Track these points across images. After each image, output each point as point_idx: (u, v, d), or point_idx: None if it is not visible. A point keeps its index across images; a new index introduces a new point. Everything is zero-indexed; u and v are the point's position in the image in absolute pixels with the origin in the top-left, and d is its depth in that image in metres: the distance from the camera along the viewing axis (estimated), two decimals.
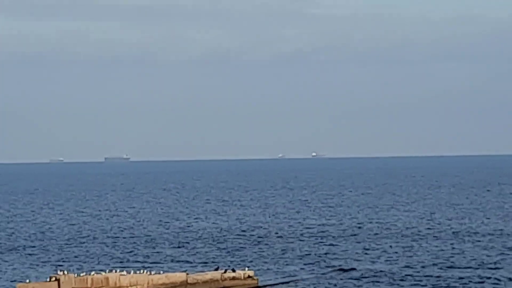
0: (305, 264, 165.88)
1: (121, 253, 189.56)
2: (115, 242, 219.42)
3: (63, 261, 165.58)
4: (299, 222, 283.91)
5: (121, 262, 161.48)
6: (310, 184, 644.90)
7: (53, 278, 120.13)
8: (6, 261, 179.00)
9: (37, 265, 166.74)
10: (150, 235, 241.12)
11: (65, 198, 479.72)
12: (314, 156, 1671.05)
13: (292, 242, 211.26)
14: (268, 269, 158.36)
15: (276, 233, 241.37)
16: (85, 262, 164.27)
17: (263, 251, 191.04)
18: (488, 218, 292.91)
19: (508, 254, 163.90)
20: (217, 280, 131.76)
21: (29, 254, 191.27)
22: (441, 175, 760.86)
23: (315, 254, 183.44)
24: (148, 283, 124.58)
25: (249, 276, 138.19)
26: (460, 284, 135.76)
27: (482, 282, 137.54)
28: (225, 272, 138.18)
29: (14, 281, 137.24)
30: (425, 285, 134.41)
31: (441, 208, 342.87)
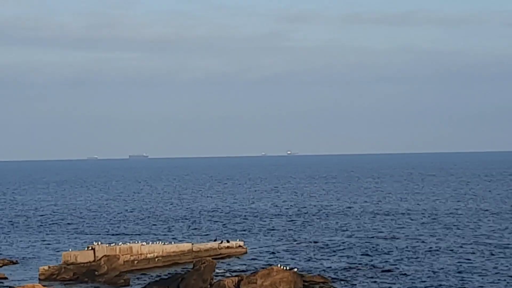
0: (283, 237, 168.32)
1: (141, 228, 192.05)
2: (137, 220, 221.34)
3: (96, 235, 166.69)
4: (277, 205, 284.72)
5: (141, 235, 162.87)
6: (285, 175, 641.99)
7: (90, 248, 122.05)
8: (50, 235, 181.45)
9: (75, 238, 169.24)
10: (163, 214, 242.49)
11: (98, 186, 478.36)
12: (289, 153, 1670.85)
13: (273, 220, 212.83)
14: (255, 240, 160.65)
15: (262, 212, 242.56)
16: (113, 235, 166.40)
17: (251, 227, 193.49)
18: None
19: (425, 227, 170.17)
20: (215, 249, 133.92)
21: (67, 231, 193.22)
22: (391, 169, 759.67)
23: (290, 229, 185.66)
24: (162, 251, 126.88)
25: (239, 246, 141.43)
26: (398, 251, 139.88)
27: (414, 251, 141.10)
28: (221, 242, 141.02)
29: (59, 250, 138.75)
30: (373, 252, 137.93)
31: (388, 195, 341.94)
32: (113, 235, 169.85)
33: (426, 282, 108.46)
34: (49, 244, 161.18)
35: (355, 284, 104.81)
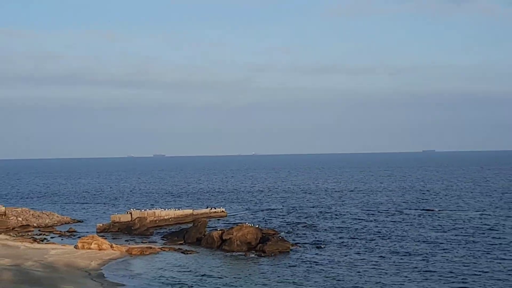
0: (250, 206, 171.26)
1: (161, 200, 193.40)
2: (158, 195, 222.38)
3: (132, 204, 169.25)
4: (247, 187, 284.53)
5: (160, 204, 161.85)
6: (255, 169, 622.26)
7: (128, 212, 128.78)
8: (102, 205, 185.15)
9: (118, 206, 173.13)
10: (176, 192, 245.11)
11: (132, 175, 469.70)
12: (254, 154, 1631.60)
13: (243, 195, 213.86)
14: (232, 208, 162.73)
15: (236, 191, 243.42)
16: (142, 203, 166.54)
17: (230, 199, 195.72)
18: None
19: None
20: (206, 213, 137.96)
21: (113, 202, 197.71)
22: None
23: (254, 201, 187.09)
24: (173, 215, 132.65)
25: (222, 211, 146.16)
26: (320, 214, 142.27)
27: (329, 213, 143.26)
28: (211, 209, 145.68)
29: (108, 214, 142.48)
30: (304, 215, 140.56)
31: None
32: (142, 203, 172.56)
33: (342, 233, 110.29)
34: (102, 210, 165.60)
35: (294, 233, 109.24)
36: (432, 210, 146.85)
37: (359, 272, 75.18)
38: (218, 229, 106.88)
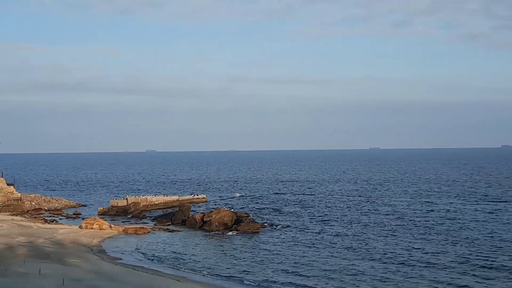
0: (228, 193, 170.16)
1: (151, 188, 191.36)
2: (150, 184, 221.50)
3: (128, 191, 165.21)
4: (225, 177, 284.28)
5: (151, 191, 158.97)
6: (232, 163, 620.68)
7: (124, 198, 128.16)
8: (98, 192, 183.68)
9: (117, 193, 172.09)
10: (165, 181, 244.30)
11: (133, 167, 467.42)
12: (230, 150, 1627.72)
13: (221, 184, 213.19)
14: (211, 195, 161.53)
15: (214, 181, 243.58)
16: (136, 191, 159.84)
17: (209, 188, 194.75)
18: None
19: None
20: (190, 199, 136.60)
21: (112, 190, 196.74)
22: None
23: (230, 189, 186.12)
24: (163, 200, 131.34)
25: (203, 197, 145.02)
26: (287, 200, 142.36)
27: (297, 200, 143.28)
28: (194, 195, 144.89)
29: (108, 199, 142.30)
30: (273, 201, 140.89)
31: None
32: (135, 191, 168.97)
33: (303, 217, 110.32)
34: (102, 196, 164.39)
35: (263, 216, 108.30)
36: (374, 197, 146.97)
37: (317, 248, 75.51)
38: (200, 213, 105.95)
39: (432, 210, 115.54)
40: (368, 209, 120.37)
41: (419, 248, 73.13)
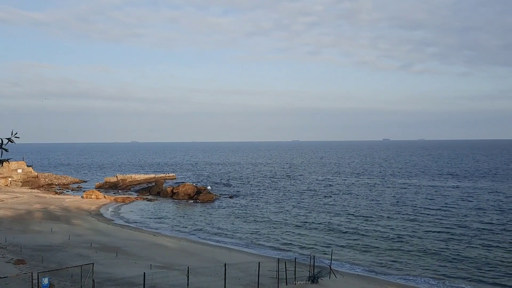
0: (190, 172, 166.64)
1: (136, 168, 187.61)
2: (133, 165, 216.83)
3: (118, 171, 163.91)
4: (188, 161, 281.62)
5: (135, 169, 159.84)
6: (194, 151, 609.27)
7: (115, 176, 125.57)
8: (96, 172, 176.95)
9: (109, 172, 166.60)
10: (144, 164, 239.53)
11: (118, 154, 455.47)
12: (193, 141, 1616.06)
13: (185, 166, 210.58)
14: (179, 173, 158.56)
15: (180, 163, 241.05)
16: (124, 170, 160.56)
17: (178, 169, 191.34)
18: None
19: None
20: (163, 176, 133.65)
21: (107, 169, 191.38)
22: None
23: (192, 169, 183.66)
24: (143, 177, 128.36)
25: (173, 175, 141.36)
26: (243, 180, 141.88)
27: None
28: (165, 174, 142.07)
29: (103, 176, 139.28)
30: (228, 177, 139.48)
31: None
32: (123, 171, 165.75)
33: (247, 189, 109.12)
34: (99, 174, 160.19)
35: (217, 188, 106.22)
36: (294, 175, 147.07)
37: (254, 211, 75.77)
38: (170, 186, 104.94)
39: (330, 185, 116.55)
40: (291, 184, 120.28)
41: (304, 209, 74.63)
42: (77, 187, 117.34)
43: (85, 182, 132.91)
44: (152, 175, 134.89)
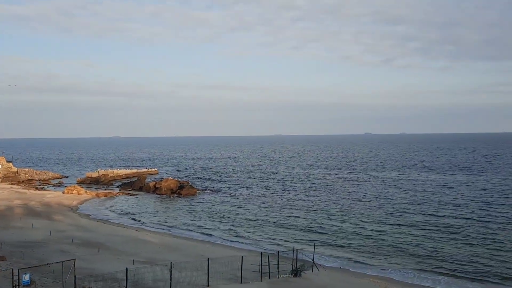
0: (173, 167, 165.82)
1: (118, 163, 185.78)
2: (115, 160, 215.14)
3: (100, 166, 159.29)
4: (171, 155, 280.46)
5: (117, 165, 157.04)
6: (176, 145, 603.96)
7: (97, 171, 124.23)
8: (82, 166, 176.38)
9: (91, 167, 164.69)
10: (127, 158, 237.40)
11: (101, 149, 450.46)
12: (176, 136, 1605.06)
13: (168, 160, 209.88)
14: (161, 168, 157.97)
15: (165, 157, 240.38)
16: (106, 165, 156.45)
17: (160, 164, 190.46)
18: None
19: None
20: (145, 171, 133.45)
21: (89, 165, 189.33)
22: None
23: (174, 164, 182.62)
24: (125, 172, 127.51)
25: (155, 170, 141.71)
26: (220, 172, 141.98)
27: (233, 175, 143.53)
28: (148, 169, 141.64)
29: (84, 172, 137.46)
30: (211, 173, 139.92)
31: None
32: (105, 165, 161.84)
33: (229, 184, 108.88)
34: (80, 169, 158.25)
35: (199, 183, 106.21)
36: (274, 169, 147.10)
37: (238, 205, 75.71)
38: (153, 181, 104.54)
39: (312, 180, 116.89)
40: (273, 179, 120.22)
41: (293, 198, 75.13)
42: (58, 183, 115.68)
43: (66, 177, 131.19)
44: (135, 170, 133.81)
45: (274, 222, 59.98)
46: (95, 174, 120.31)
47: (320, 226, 56.38)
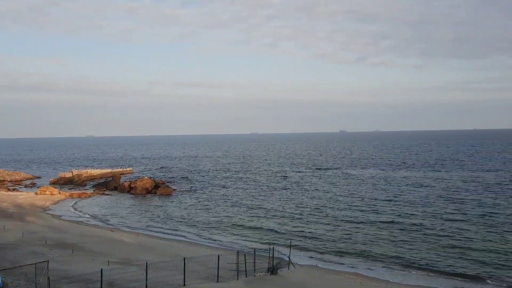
0: (147, 166, 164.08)
1: (92, 163, 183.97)
2: (89, 160, 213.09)
3: (73, 166, 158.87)
4: (145, 154, 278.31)
5: (92, 165, 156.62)
6: (151, 144, 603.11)
7: (70, 171, 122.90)
8: (50, 168, 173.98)
9: (64, 167, 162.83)
10: (101, 158, 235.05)
11: (75, 149, 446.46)
12: (151, 135, 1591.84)
13: (142, 160, 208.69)
14: (136, 167, 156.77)
15: (139, 157, 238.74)
16: (79, 165, 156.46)
17: (134, 163, 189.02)
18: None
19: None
20: (120, 171, 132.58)
21: (62, 165, 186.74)
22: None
23: (148, 163, 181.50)
24: (100, 172, 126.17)
25: (130, 169, 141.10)
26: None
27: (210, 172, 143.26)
28: (123, 168, 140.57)
29: (57, 172, 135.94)
30: (185, 171, 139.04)
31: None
32: (78, 166, 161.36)
33: (204, 183, 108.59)
34: (53, 170, 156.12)
35: (175, 182, 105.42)
36: (250, 168, 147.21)
37: (210, 206, 75.58)
38: (128, 180, 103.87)
39: (287, 177, 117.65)
40: (248, 177, 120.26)
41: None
42: (30, 184, 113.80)
43: (39, 178, 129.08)
44: (109, 170, 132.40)
45: (250, 221, 59.96)
46: (68, 175, 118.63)
47: (296, 225, 56.57)
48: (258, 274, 30.50)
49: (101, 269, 25.12)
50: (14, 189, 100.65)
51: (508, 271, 35.56)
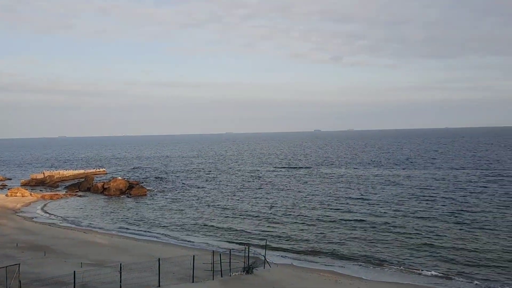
0: (121, 167, 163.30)
1: (64, 164, 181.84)
2: (61, 161, 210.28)
3: (45, 167, 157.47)
4: (118, 155, 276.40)
5: (64, 166, 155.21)
6: (124, 145, 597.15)
7: (42, 172, 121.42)
8: (20, 169, 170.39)
9: (36, 168, 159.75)
10: (73, 159, 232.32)
11: (48, 148, 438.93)
12: (124, 135, 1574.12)
13: (116, 160, 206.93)
14: (109, 168, 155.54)
15: (112, 157, 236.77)
16: (50, 167, 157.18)
17: (108, 164, 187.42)
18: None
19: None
20: (93, 172, 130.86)
21: (33, 166, 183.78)
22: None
23: (121, 164, 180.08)
24: (72, 173, 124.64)
25: (104, 170, 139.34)
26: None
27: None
28: (96, 169, 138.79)
29: (28, 173, 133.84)
30: (162, 171, 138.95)
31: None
32: (51, 167, 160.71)
33: (178, 184, 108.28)
34: (24, 171, 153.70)
35: (149, 183, 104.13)
36: (224, 168, 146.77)
37: (189, 205, 75.40)
38: (101, 181, 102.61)
39: (260, 177, 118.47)
40: (223, 177, 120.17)
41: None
42: (0, 185, 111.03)
43: (9, 179, 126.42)
44: (82, 171, 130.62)
45: (225, 221, 59.85)
46: (40, 176, 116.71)
47: (270, 224, 56.71)
48: (233, 274, 30.56)
49: (74, 271, 24.91)
50: None
51: (478, 268, 36.24)
